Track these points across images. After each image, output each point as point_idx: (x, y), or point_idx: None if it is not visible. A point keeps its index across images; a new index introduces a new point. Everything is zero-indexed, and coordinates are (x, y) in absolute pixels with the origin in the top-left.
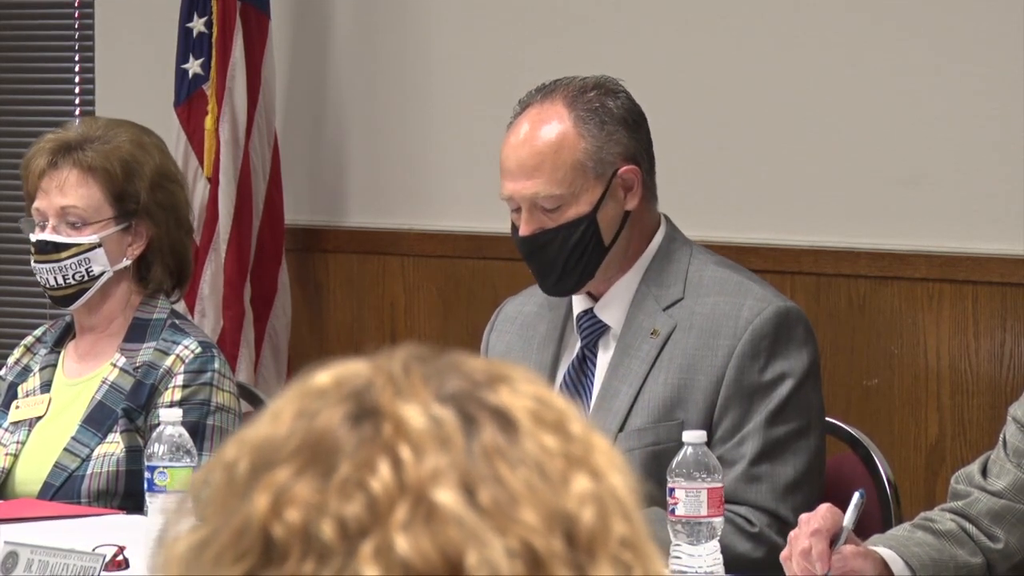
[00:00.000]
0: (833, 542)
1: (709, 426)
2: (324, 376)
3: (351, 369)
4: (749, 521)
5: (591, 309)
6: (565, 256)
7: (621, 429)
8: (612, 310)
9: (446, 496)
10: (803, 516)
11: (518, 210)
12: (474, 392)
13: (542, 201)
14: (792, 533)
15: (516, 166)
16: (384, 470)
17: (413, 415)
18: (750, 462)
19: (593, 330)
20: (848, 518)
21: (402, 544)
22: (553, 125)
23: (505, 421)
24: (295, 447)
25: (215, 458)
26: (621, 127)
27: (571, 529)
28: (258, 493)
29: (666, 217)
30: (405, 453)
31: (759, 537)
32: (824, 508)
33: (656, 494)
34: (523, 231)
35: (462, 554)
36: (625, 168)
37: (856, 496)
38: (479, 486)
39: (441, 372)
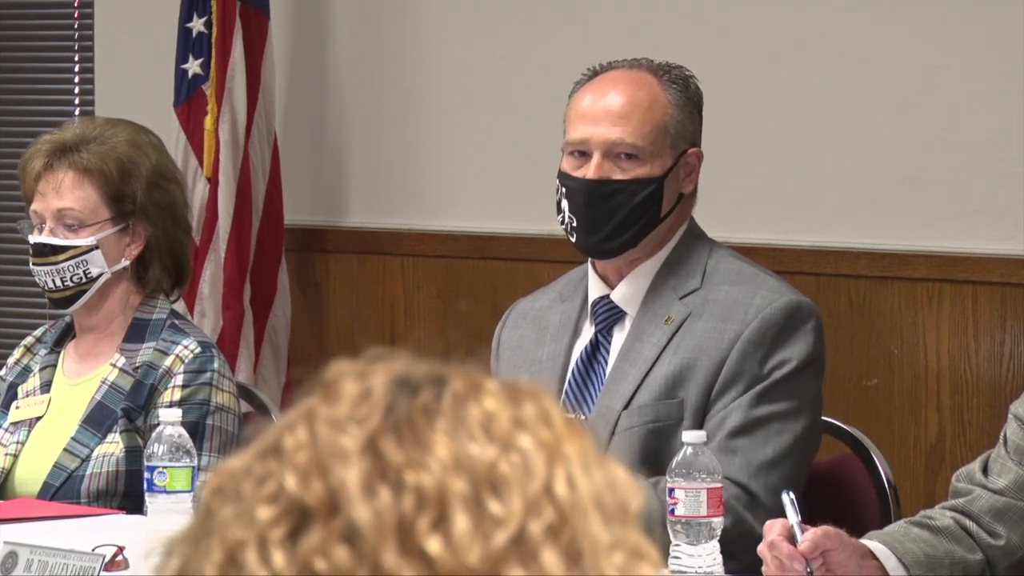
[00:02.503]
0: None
1: (704, 406)
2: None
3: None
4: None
5: (608, 295)
6: (625, 212)
7: (626, 407)
8: (629, 296)
9: (344, 440)
10: (759, 547)
11: (580, 158)
12: (434, 374)
13: (623, 148)
14: (760, 548)
15: (602, 111)
16: (301, 429)
17: (348, 387)
18: (728, 435)
19: (609, 316)
20: (790, 516)
21: (290, 481)
22: (646, 86)
23: (443, 385)
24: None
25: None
26: (696, 111)
27: (480, 472)
28: (210, 477)
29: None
30: (322, 411)
31: (726, 507)
32: (767, 526)
33: (653, 470)
34: (592, 174)
35: (343, 484)
36: (693, 150)
37: (784, 496)
38: (384, 435)
39: (414, 365)
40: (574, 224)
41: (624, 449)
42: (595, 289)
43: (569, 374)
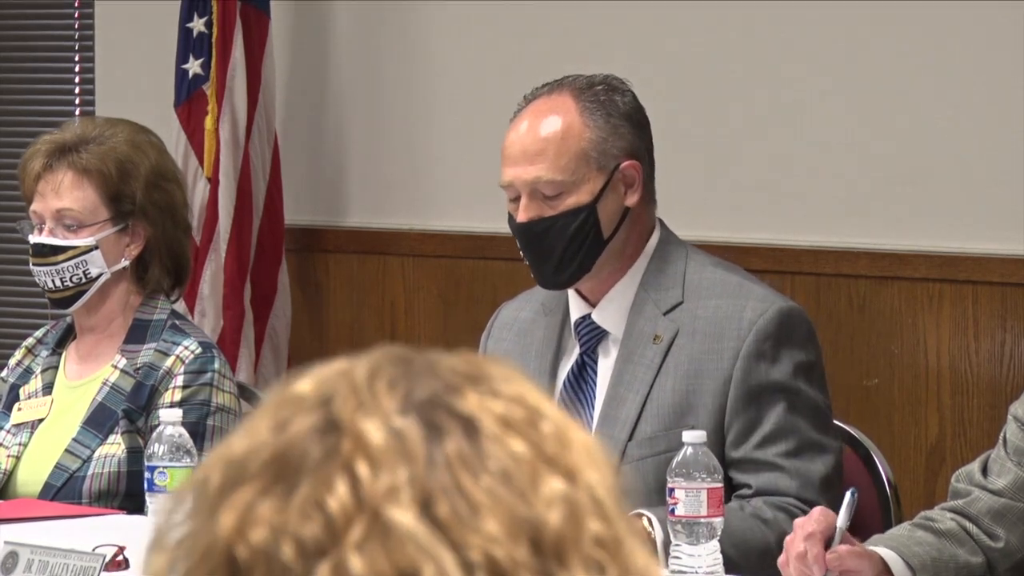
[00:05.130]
0: (828, 544)
1: (720, 428)
2: (303, 384)
3: (326, 375)
4: (803, 511)
5: (589, 315)
6: (563, 245)
7: (631, 438)
8: (610, 315)
9: (401, 514)
10: (797, 520)
11: (516, 199)
12: (441, 398)
13: (543, 187)
14: (787, 538)
15: (519, 152)
16: (342, 489)
17: (372, 430)
18: (787, 459)
19: (591, 336)
20: (841, 518)
21: (356, 564)
22: (559, 114)
23: (471, 428)
24: (263, 463)
25: (192, 474)
26: (626, 123)
27: (537, 535)
28: (224, 513)
29: (660, 220)
30: (363, 470)
31: None
32: (817, 511)
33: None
34: (521, 217)
35: (418, 571)
36: (627, 163)
37: (848, 495)
38: (438, 499)
39: (410, 377)
40: (527, 262)
41: (637, 481)
42: (576, 308)
43: (557, 395)
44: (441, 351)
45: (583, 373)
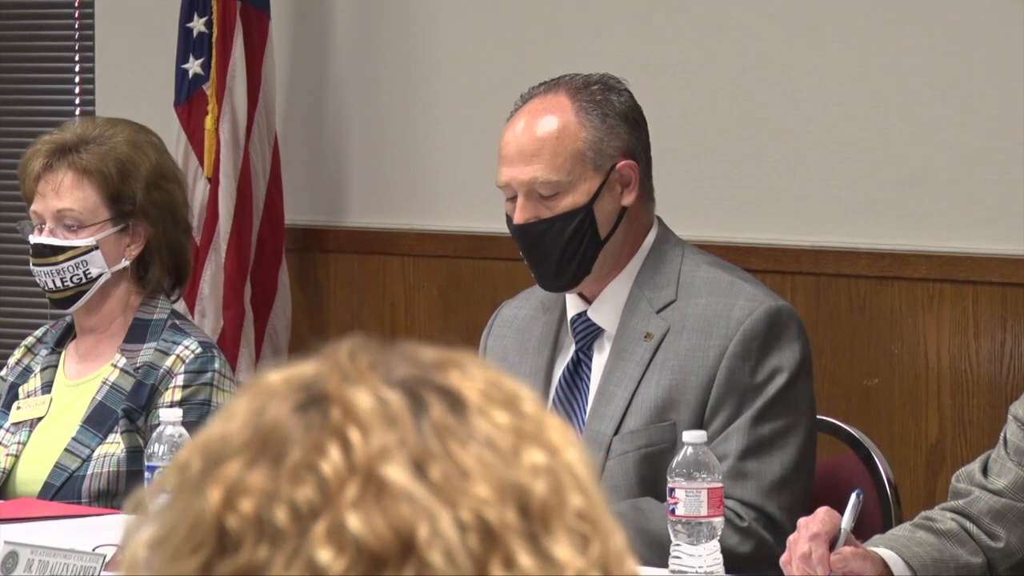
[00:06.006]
0: (832, 544)
1: (700, 426)
2: (274, 375)
3: (300, 366)
4: (738, 515)
5: (585, 312)
6: (561, 247)
7: (616, 432)
8: (605, 312)
9: (395, 472)
10: (801, 520)
11: (513, 199)
12: (422, 375)
13: (539, 187)
14: (791, 537)
15: (515, 152)
16: (334, 452)
17: (361, 398)
18: (736, 458)
19: (587, 333)
20: (846, 519)
21: (354, 522)
22: (555, 114)
23: (454, 400)
24: (245, 440)
25: (171, 463)
26: (622, 122)
27: (524, 500)
28: (211, 487)
29: (658, 218)
30: (354, 434)
31: (748, 531)
32: (822, 511)
33: (651, 494)
34: (518, 219)
35: (413, 528)
36: (624, 163)
37: (853, 497)
38: (429, 462)
39: (388, 359)
40: (527, 264)
41: (620, 475)
42: (572, 306)
43: (552, 393)
44: (427, 346)
45: (578, 370)
